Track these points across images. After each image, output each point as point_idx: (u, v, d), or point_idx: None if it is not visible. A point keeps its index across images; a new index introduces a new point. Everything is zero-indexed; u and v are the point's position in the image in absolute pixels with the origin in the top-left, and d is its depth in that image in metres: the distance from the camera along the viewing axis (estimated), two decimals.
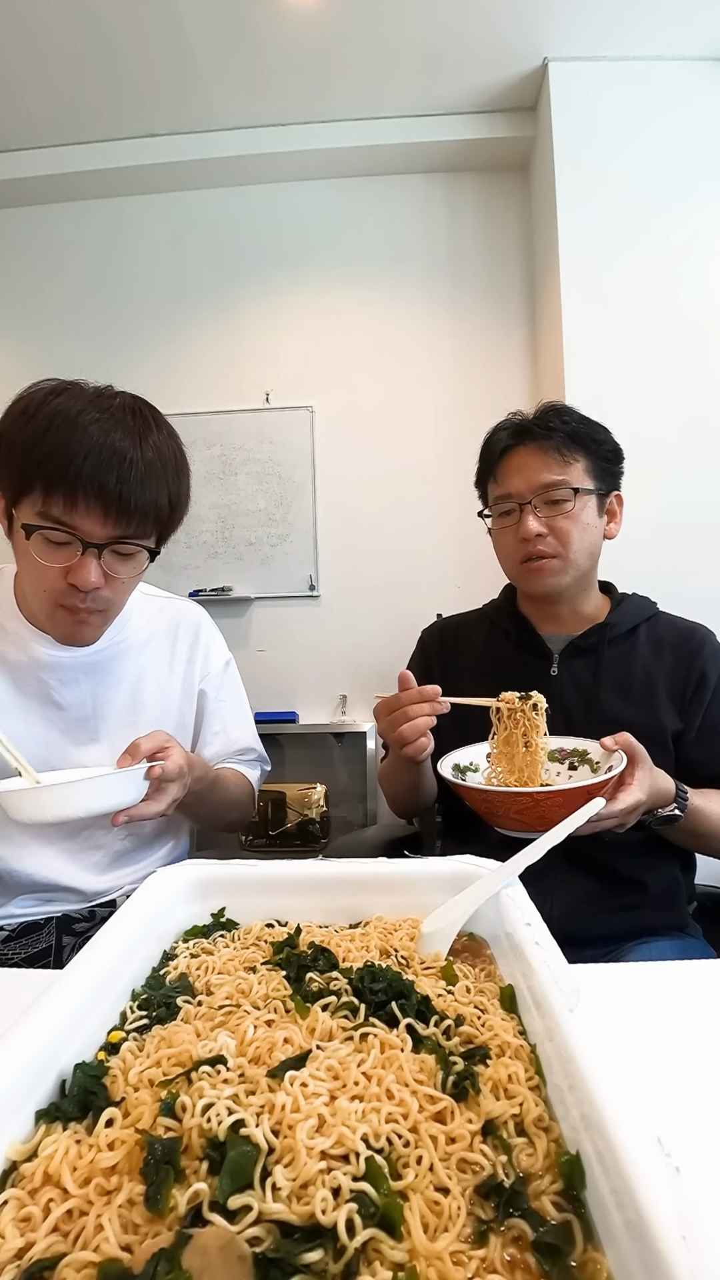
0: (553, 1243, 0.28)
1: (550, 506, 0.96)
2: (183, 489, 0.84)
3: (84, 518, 0.75)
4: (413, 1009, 0.42)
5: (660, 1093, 0.42)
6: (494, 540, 1.05)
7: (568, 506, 0.96)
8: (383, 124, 2.44)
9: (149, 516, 0.79)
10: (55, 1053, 0.38)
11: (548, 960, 0.43)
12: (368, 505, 2.63)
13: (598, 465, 0.98)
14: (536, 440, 0.97)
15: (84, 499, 0.74)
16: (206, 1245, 0.27)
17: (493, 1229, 0.29)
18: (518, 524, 0.97)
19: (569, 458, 0.96)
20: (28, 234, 2.72)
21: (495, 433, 1.03)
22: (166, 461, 0.81)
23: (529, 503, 0.96)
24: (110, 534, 0.77)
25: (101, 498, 0.75)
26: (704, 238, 2.14)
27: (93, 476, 0.74)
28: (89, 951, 0.46)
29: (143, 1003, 0.46)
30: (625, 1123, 0.30)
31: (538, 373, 2.55)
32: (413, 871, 0.60)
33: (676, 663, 0.98)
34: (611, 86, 2.16)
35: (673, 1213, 0.25)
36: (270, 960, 0.51)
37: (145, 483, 0.77)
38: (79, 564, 0.77)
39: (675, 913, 0.96)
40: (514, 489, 0.98)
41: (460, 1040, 0.41)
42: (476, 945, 0.55)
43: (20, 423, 0.76)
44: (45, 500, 0.75)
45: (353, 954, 0.51)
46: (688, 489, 2.09)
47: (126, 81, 2.23)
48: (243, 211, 2.66)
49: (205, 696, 1.02)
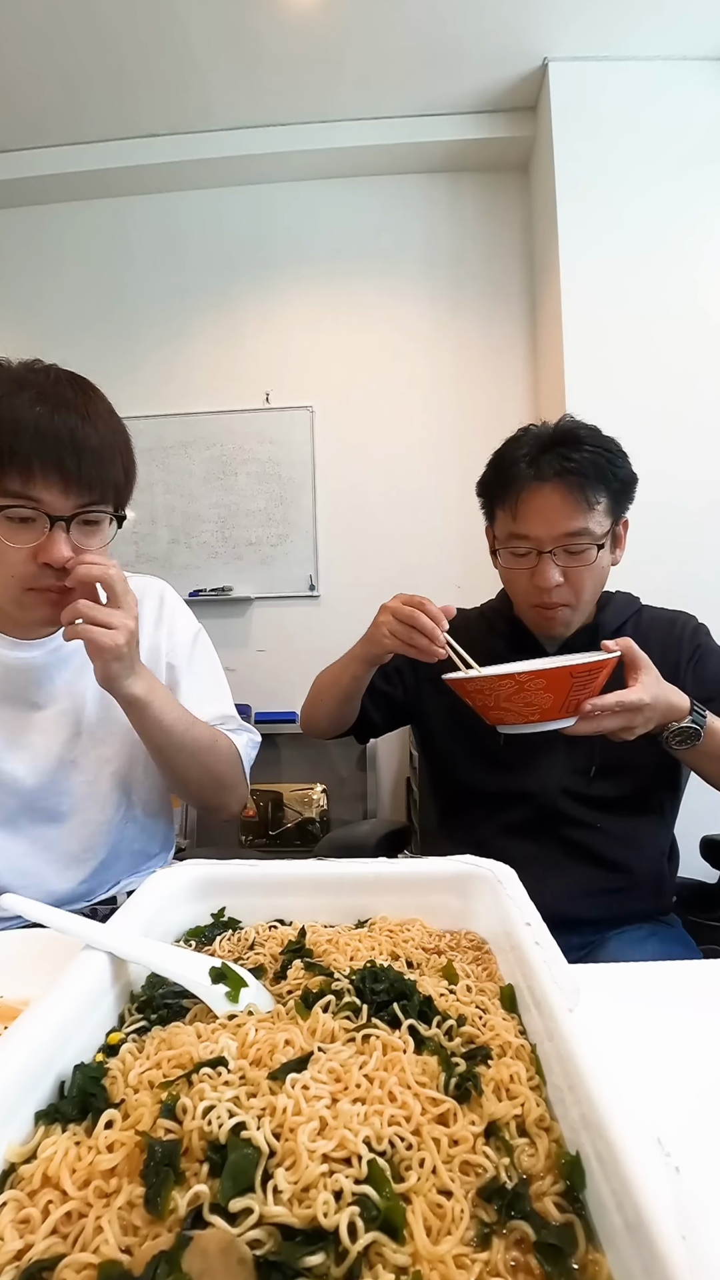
0: (554, 1243, 0.28)
1: (570, 555, 0.91)
2: (131, 454, 0.84)
3: (44, 489, 0.74)
4: (415, 1010, 0.42)
5: (660, 1093, 0.42)
6: (503, 574, 1.01)
7: (588, 557, 0.91)
8: (383, 124, 2.44)
9: (108, 481, 0.79)
10: (53, 1054, 0.38)
11: (548, 960, 0.43)
12: (368, 505, 2.64)
13: (614, 499, 0.93)
14: (561, 478, 0.90)
15: (41, 470, 0.73)
16: (207, 1247, 0.27)
17: (495, 1231, 0.29)
18: (534, 568, 0.93)
19: (593, 499, 0.90)
20: (28, 234, 2.72)
21: (512, 455, 0.94)
22: (114, 428, 0.80)
23: (549, 550, 0.91)
24: (74, 504, 0.76)
25: (59, 467, 0.74)
26: (704, 237, 2.14)
27: (47, 446, 0.73)
28: (88, 952, 0.46)
29: (141, 1005, 0.46)
30: (625, 1123, 0.30)
31: (537, 372, 2.55)
32: (414, 871, 0.60)
33: (665, 652, 0.97)
34: (611, 86, 2.17)
35: (673, 1213, 0.25)
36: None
37: (100, 449, 0.77)
38: (48, 540, 0.75)
39: (659, 900, 0.97)
40: (534, 533, 0.92)
41: (462, 1041, 0.41)
42: (477, 944, 0.55)
43: None
44: (1, 480, 0.73)
45: (360, 953, 0.51)
46: (687, 489, 2.09)
47: (126, 81, 2.23)
48: (243, 211, 2.66)
49: (175, 670, 0.97)
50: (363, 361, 2.63)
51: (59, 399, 0.76)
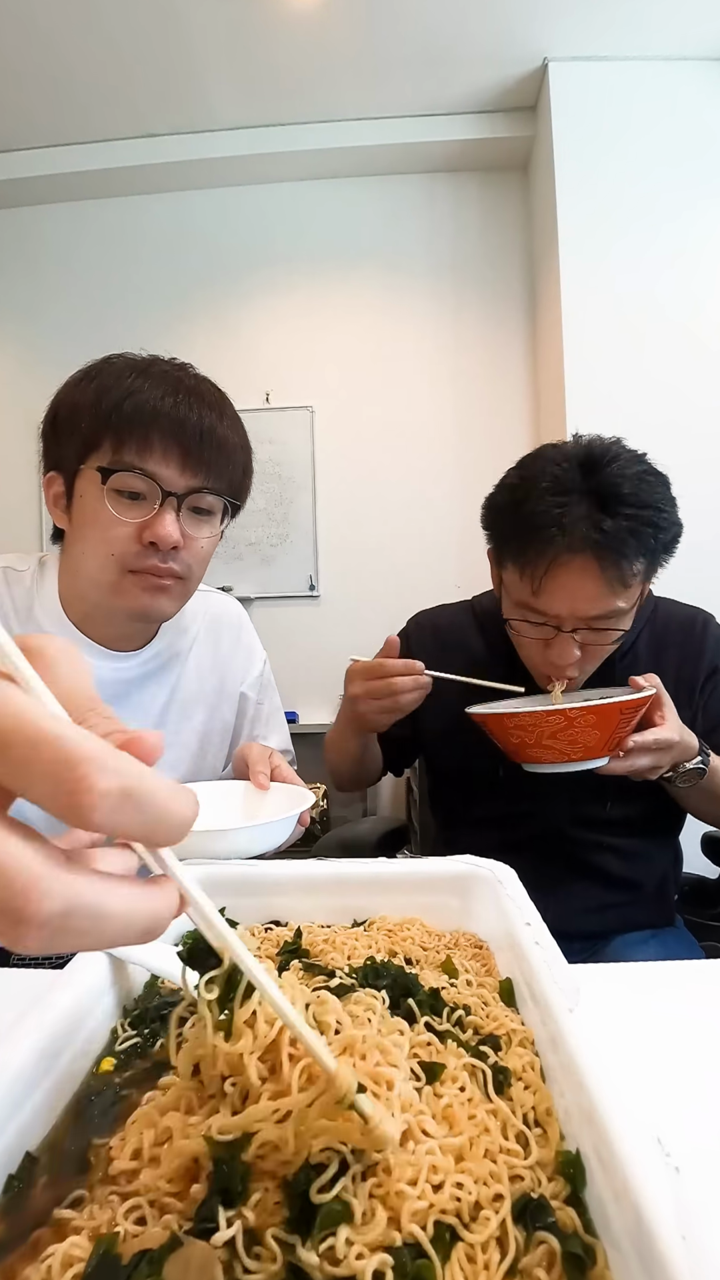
0: (577, 1253, 0.28)
1: (593, 633, 0.80)
2: (252, 462, 0.80)
3: (161, 463, 0.70)
4: (426, 1004, 0.42)
5: (660, 1093, 0.42)
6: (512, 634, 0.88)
7: (612, 635, 0.81)
8: (383, 124, 2.44)
9: (226, 469, 0.74)
10: (53, 1056, 0.38)
11: (548, 960, 0.43)
12: (368, 505, 2.64)
13: (652, 560, 0.79)
14: (595, 551, 0.74)
15: (160, 440, 0.69)
16: (190, 1258, 0.26)
17: (524, 1253, 0.28)
18: (550, 641, 0.81)
19: (630, 573, 0.76)
20: (28, 234, 2.72)
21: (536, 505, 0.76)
22: (241, 433, 0.77)
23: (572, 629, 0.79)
24: (189, 484, 0.72)
25: (180, 439, 0.70)
26: (704, 237, 2.14)
27: (171, 415, 0.69)
28: (86, 955, 0.46)
29: (135, 1019, 0.45)
30: (625, 1123, 0.30)
31: (537, 372, 2.55)
32: (414, 871, 0.60)
33: (684, 656, 0.93)
34: (611, 86, 2.17)
35: (673, 1213, 0.25)
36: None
37: (225, 440, 0.73)
38: (156, 517, 0.70)
39: (663, 909, 0.96)
40: (556, 612, 0.79)
41: (471, 1032, 0.41)
42: (476, 943, 0.55)
43: (83, 385, 0.72)
44: (116, 451, 0.69)
45: (358, 952, 0.51)
46: (687, 489, 2.08)
47: (126, 81, 2.23)
48: (243, 211, 2.66)
49: (246, 700, 0.94)
50: (363, 361, 2.63)
51: (194, 391, 0.73)
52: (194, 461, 0.71)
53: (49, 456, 0.76)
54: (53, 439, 0.75)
